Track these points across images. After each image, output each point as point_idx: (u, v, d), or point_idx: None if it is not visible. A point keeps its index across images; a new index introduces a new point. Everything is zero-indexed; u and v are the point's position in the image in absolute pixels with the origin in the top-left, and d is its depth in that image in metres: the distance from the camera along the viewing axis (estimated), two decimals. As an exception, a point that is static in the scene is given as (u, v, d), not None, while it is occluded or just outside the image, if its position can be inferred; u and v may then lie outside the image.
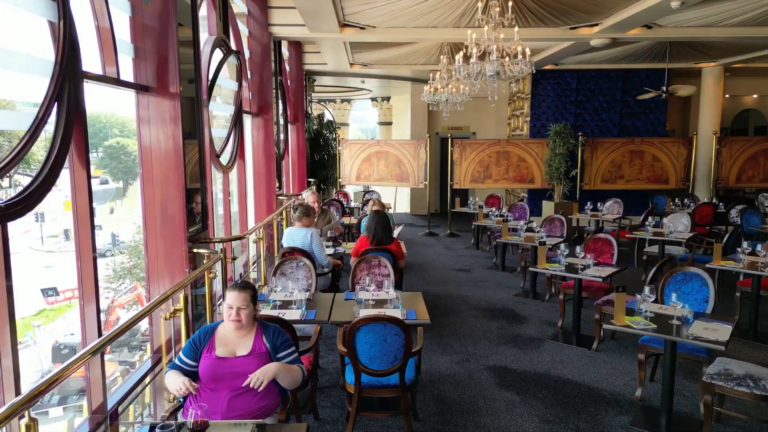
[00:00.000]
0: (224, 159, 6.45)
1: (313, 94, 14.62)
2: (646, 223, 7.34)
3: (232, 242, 5.92)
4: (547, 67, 11.54)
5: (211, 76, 5.69)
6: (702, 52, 10.71)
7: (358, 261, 4.82)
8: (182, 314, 3.31)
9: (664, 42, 9.99)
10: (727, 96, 13.28)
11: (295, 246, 5.38)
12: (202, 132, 4.71)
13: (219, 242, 4.80)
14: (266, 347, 2.72)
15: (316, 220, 6.97)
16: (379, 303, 4.10)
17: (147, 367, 3.67)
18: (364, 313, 3.84)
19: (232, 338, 2.73)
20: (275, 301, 4.14)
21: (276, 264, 4.78)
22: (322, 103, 18.36)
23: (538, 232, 6.89)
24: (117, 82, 3.66)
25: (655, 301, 3.98)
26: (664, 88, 10.17)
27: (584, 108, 12.18)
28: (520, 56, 6.04)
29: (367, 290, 4.17)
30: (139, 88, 4.03)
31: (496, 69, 6.12)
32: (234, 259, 4.83)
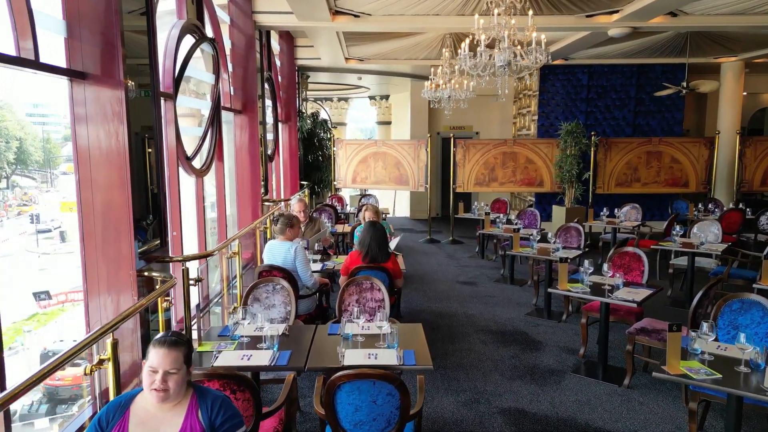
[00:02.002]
0: (198, 161, 5.70)
1: (307, 92, 13.86)
2: (673, 232, 6.56)
3: (207, 258, 5.17)
4: (557, 61, 10.77)
5: (179, 66, 4.94)
6: (723, 46, 9.95)
7: (346, 283, 4.05)
8: (110, 366, 2.53)
9: (684, 34, 9.24)
10: (744, 94, 12.52)
11: (275, 263, 4.61)
12: (160, 130, 3.94)
13: (181, 261, 4.03)
14: (201, 427, 1.95)
15: (303, 229, 6.20)
16: (370, 340, 3.33)
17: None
18: (350, 356, 3.07)
19: (154, 414, 1.96)
20: (241, 337, 3.37)
21: (248, 289, 4.00)
22: (318, 102, 17.59)
23: (554, 243, 6.12)
24: (35, 65, 2.89)
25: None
26: (684, 84, 9.41)
27: (596, 106, 11.41)
28: (534, 44, 5.29)
29: (355, 323, 3.40)
30: (73, 74, 3.26)
31: (507, 59, 5.35)
32: (198, 280, 4.06)
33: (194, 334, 4.21)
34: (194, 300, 5.48)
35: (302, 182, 11.16)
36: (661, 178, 10.22)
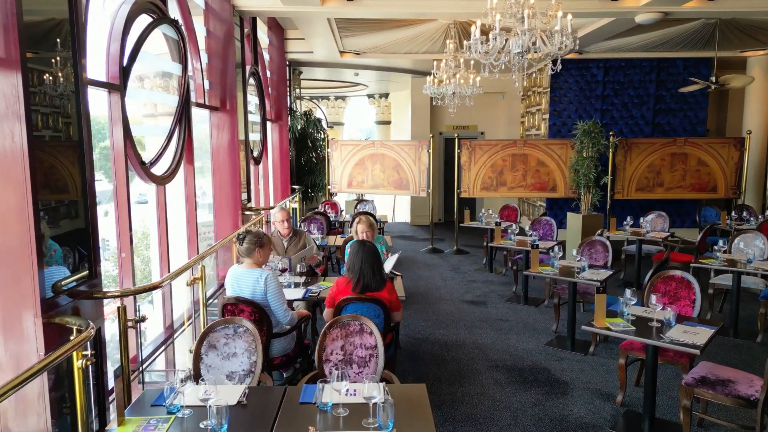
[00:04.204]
0: (161, 167, 4.84)
1: (302, 90, 12.99)
2: (715, 247, 5.68)
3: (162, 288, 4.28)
4: (570, 55, 9.88)
5: (128, 52, 4.08)
6: (753, 37, 9.06)
7: (329, 325, 3.17)
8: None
9: (712, 24, 8.36)
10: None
11: (242, 296, 3.73)
12: (88, 128, 3.07)
13: (119, 296, 3.16)
14: None
15: (286, 245, 5.33)
16: (356, 414, 2.45)
17: None
18: (325, 445, 2.19)
19: None
20: (182, 408, 2.48)
21: (201, 332, 3.11)
22: (314, 100, 16.73)
23: (578, 260, 5.24)
24: None
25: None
26: (713, 79, 8.52)
27: (612, 103, 10.52)
28: (559, 25, 4.42)
29: (335, 389, 2.52)
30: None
31: (527, 44, 4.48)
32: (140, 320, 3.19)
33: (145, 382, 3.32)
34: (155, 332, 4.62)
35: (294, 186, 10.30)
36: (686, 182, 9.32)
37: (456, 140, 9.59)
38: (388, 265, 4.74)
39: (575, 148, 9.07)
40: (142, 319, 3.21)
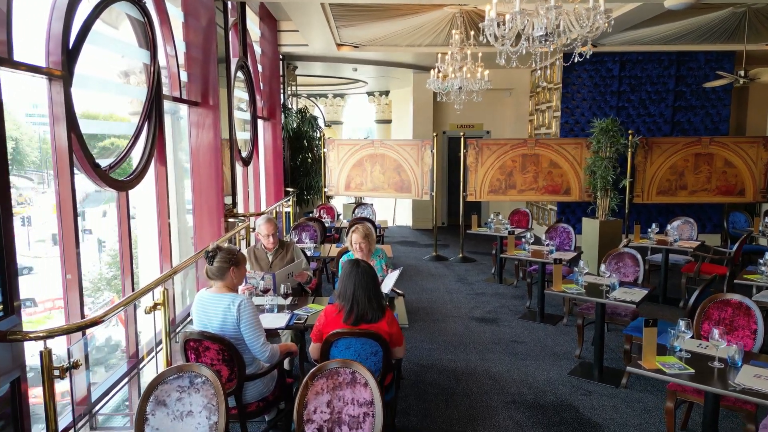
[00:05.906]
0: (125, 170, 4.18)
1: (298, 88, 12.30)
2: (760, 261, 5.00)
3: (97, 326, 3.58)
4: (583, 48, 9.18)
5: (75, 33, 3.41)
6: (782, 29, 8.39)
7: (311, 373, 2.48)
8: None
9: (740, 13, 7.69)
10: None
11: (210, 328, 3.04)
12: None
13: (43, 337, 2.47)
14: None
15: (271, 259, 4.64)
16: None
17: None
18: None
19: None
20: None
21: (147, 384, 2.42)
22: (312, 98, 16.05)
23: (607, 276, 4.55)
24: None
25: None
26: (742, 73, 7.84)
27: (628, 100, 9.84)
28: (590, 3, 3.77)
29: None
30: None
31: (552, 24, 3.82)
32: (70, 367, 2.52)
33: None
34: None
35: (288, 189, 9.63)
36: (711, 185, 8.61)
37: (462, 139, 8.91)
38: (388, 284, 4.06)
39: (591, 148, 8.38)
40: (75, 366, 2.53)
